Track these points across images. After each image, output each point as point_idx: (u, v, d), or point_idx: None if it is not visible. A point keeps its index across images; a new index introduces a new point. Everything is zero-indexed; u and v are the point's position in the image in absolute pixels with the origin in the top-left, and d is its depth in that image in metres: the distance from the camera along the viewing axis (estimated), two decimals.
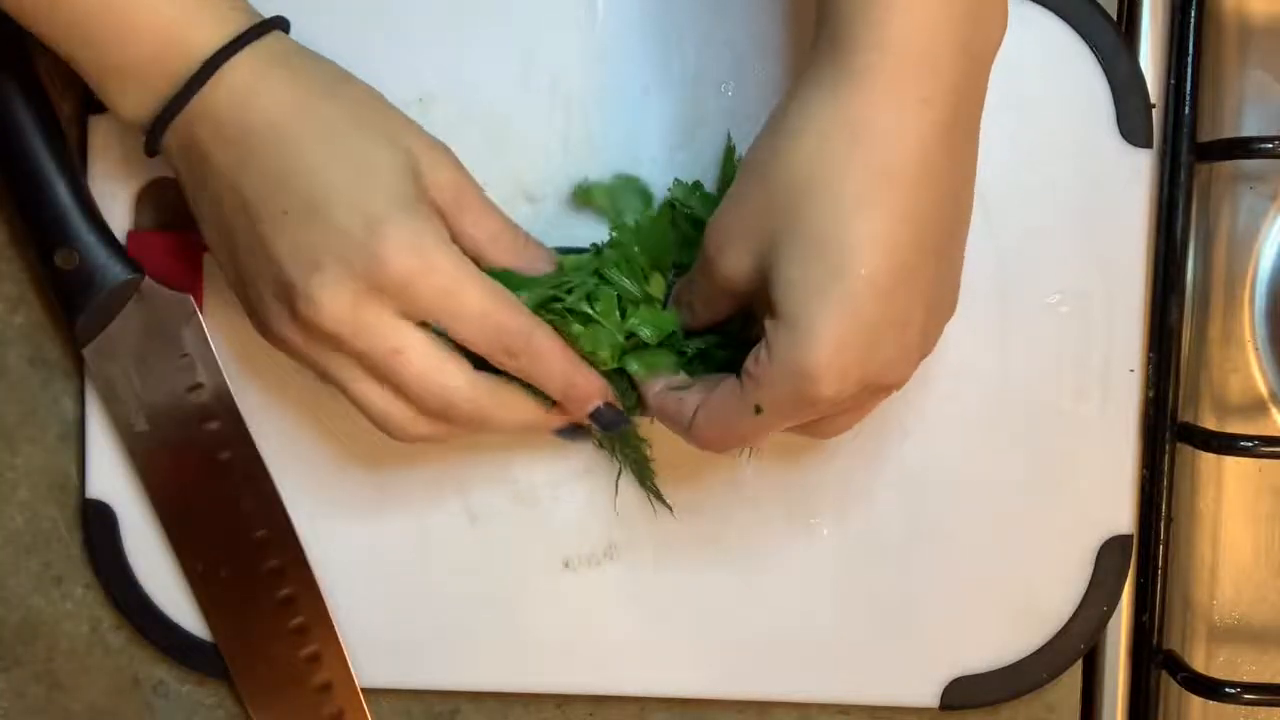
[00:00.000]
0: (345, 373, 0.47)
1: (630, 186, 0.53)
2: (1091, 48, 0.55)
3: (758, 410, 0.43)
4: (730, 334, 0.49)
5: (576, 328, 0.47)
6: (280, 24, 0.48)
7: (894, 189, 0.40)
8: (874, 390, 0.43)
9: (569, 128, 0.54)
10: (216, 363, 0.55)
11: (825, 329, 0.41)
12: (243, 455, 0.55)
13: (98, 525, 0.56)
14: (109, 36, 0.45)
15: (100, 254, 0.53)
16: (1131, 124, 0.55)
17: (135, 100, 0.46)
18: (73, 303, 0.53)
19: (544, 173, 0.54)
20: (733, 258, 0.44)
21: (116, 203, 0.55)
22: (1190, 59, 0.56)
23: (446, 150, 0.48)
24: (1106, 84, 0.55)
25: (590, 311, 0.47)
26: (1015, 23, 0.54)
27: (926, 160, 0.41)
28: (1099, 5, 0.55)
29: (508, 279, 0.48)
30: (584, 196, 0.54)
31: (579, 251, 0.51)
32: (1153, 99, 0.56)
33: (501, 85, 0.54)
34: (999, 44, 0.43)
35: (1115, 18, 0.56)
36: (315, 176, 0.44)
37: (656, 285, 0.50)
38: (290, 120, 0.45)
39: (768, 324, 0.42)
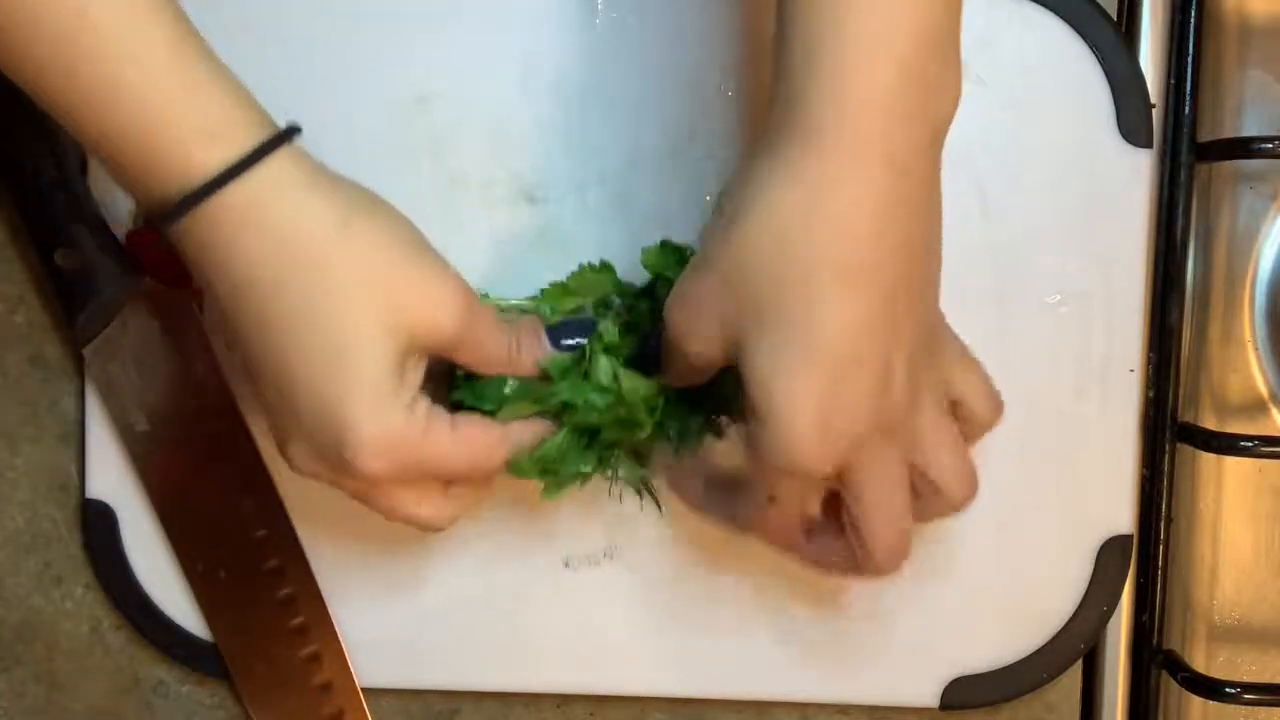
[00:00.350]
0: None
1: (671, 252, 0.51)
2: (1091, 48, 0.55)
3: (771, 500, 0.44)
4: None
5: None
6: (291, 135, 0.42)
7: (858, 260, 0.39)
8: (887, 440, 0.42)
9: (569, 128, 0.54)
10: (216, 362, 0.55)
11: (802, 409, 0.40)
12: (243, 455, 0.55)
13: (98, 525, 0.56)
14: (108, 118, 0.40)
15: (101, 255, 0.53)
16: (1131, 124, 0.55)
17: (143, 194, 0.42)
18: (73, 302, 0.53)
19: (544, 173, 0.54)
20: (699, 344, 0.43)
21: (116, 203, 0.55)
22: (1190, 59, 0.56)
23: (455, 289, 0.44)
24: (1106, 84, 0.55)
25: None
26: (1015, 23, 0.54)
27: (892, 226, 0.40)
28: (1099, 5, 0.55)
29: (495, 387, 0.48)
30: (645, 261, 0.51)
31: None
32: (1153, 99, 0.56)
33: (501, 85, 0.54)
34: (952, 114, 0.42)
35: (1115, 18, 0.56)
36: (284, 368, 0.42)
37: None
38: (266, 294, 0.41)
39: (748, 417, 0.42)
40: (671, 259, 0.50)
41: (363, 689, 0.57)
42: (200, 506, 0.55)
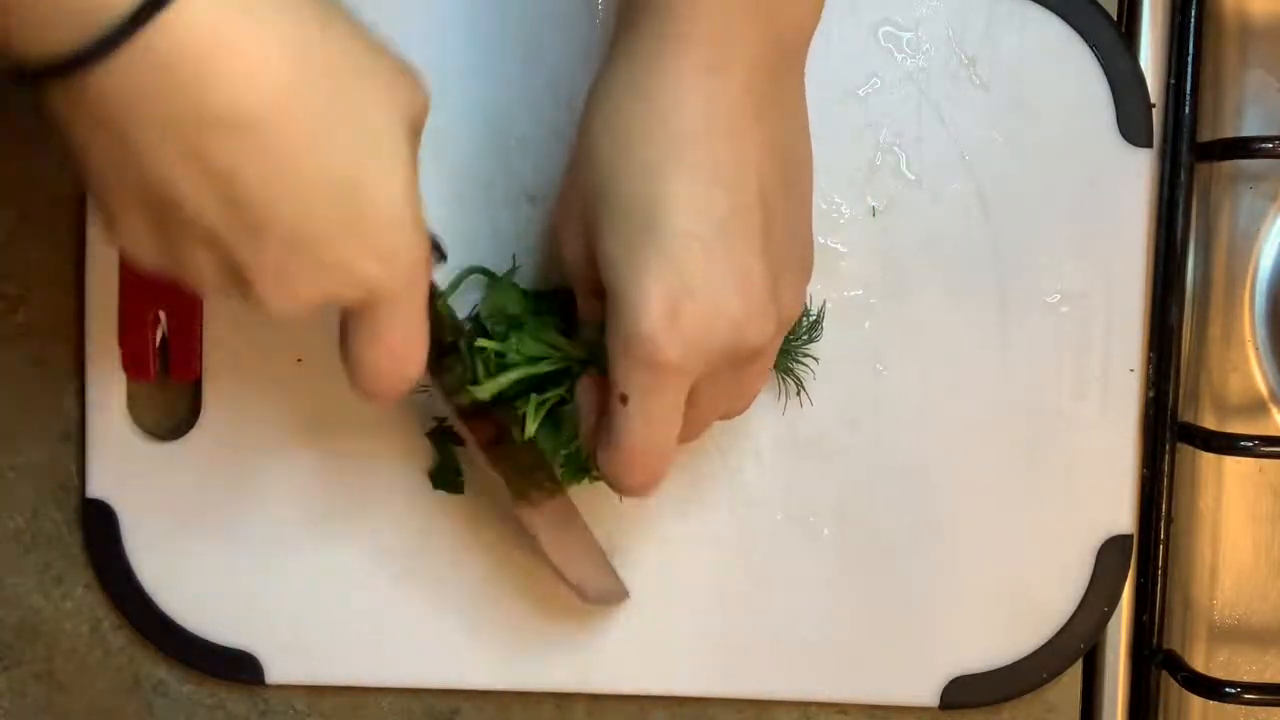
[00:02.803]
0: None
1: None
2: (1091, 48, 0.55)
3: (624, 400, 0.42)
4: None
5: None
6: None
7: (691, 150, 0.40)
8: (741, 355, 0.42)
9: (571, 128, 0.54)
10: None
11: (648, 291, 0.40)
12: None
13: (98, 525, 0.56)
14: None
15: None
16: (1131, 124, 0.55)
17: (26, 36, 0.33)
18: None
19: (546, 173, 0.54)
20: (570, 244, 0.44)
21: None
22: (1190, 59, 0.56)
23: (415, 76, 0.41)
24: (1106, 84, 0.55)
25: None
26: (1015, 23, 0.54)
27: (722, 124, 0.40)
28: (1099, 5, 0.55)
29: None
30: None
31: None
32: (1153, 99, 0.56)
33: (502, 85, 0.54)
34: (808, 26, 0.42)
35: (1115, 18, 0.56)
36: (308, 200, 0.37)
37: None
38: (274, 107, 0.35)
39: (606, 309, 0.41)
40: None
41: (363, 689, 0.57)
42: None
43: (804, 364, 0.54)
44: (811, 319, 0.54)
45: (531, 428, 0.49)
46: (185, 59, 0.34)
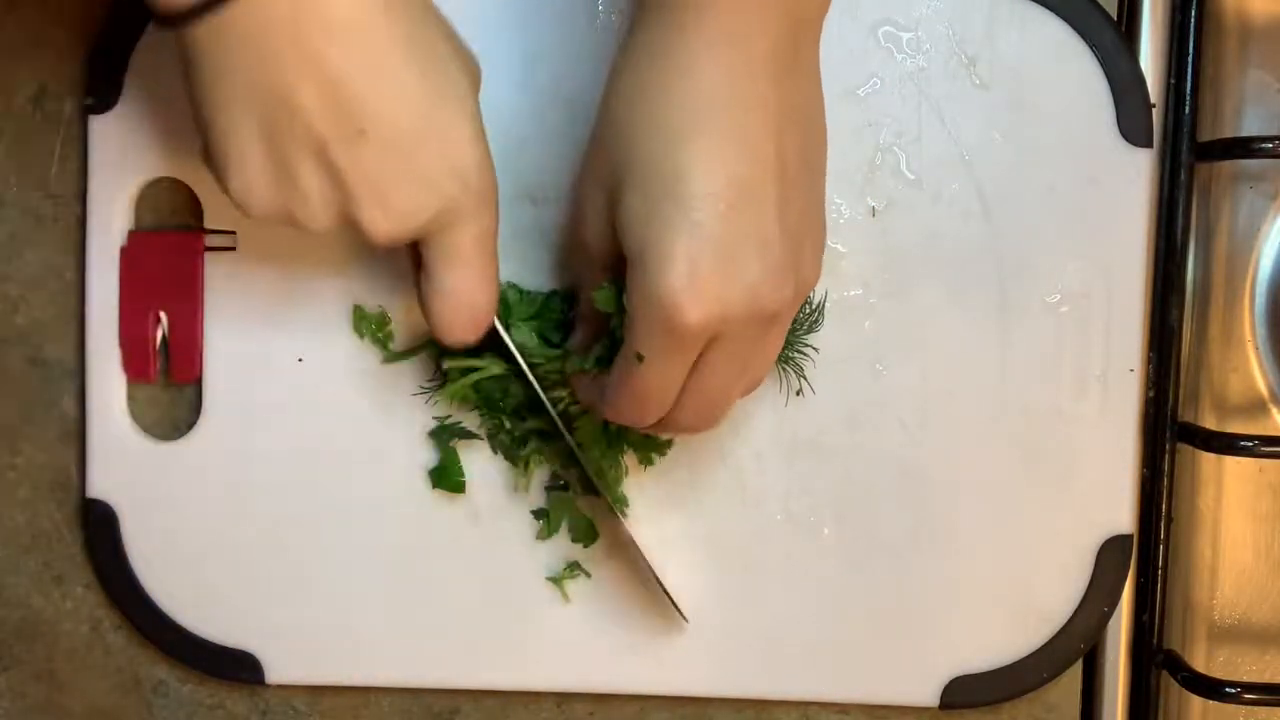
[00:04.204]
0: None
1: None
2: (1091, 48, 0.55)
3: (639, 359, 0.44)
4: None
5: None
6: None
7: (713, 115, 0.41)
8: (757, 319, 0.43)
9: (572, 128, 0.54)
10: None
11: (671, 251, 0.41)
12: None
13: (98, 525, 0.56)
14: None
15: None
16: (1131, 124, 0.55)
17: None
18: None
19: (546, 174, 0.54)
20: (591, 220, 0.46)
21: (116, 203, 0.55)
22: (1190, 59, 0.56)
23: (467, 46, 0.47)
24: (1106, 84, 0.55)
25: None
26: (1015, 23, 0.54)
27: (743, 90, 0.42)
28: (1099, 5, 0.55)
29: None
30: None
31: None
32: (1153, 99, 0.56)
33: (503, 85, 0.54)
34: (824, 7, 0.44)
35: (1115, 18, 0.56)
36: (402, 103, 0.42)
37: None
38: (377, 14, 0.42)
39: (627, 272, 0.43)
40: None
41: (363, 689, 0.57)
42: None
43: (804, 354, 0.54)
44: (812, 309, 0.54)
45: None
46: None
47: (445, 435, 0.55)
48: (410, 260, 0.48)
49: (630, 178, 0.43)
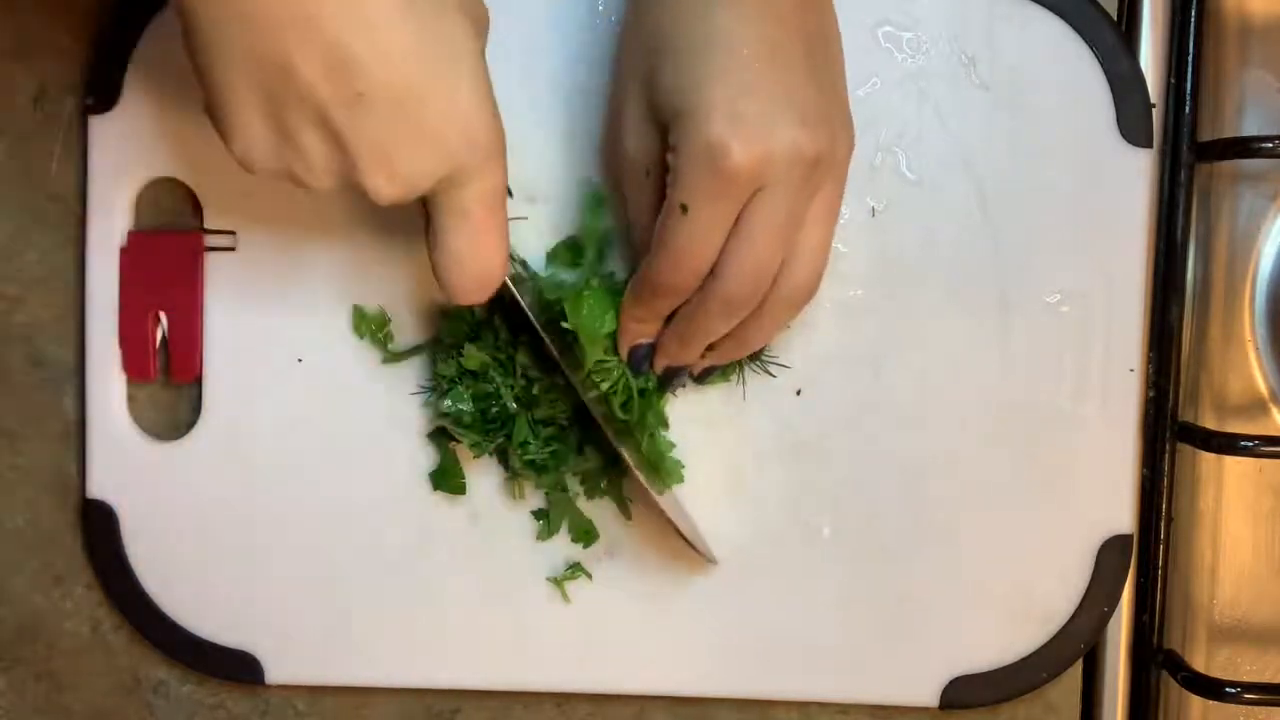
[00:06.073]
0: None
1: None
2: (1091, 48, 0.55)
3: (684, 209, 0.44)
4: None
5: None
6: None
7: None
8: (799, 165, 0.44)
9: (571, 126, 0.54)
10: None
11: (712, 100, 0.43)
12: None
13: (98, 525, 0.56)
14: None
15: None
16: (1131, 124, 0.55)
17: None
18: None
19: (546, 172, 0.54)
20: (629, 111, 0.47)
21: (116, 203, 0.55)
22: (1190, 59, 0.56)
23: None
24: (1106, 84, 0.55)
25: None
26: (1015, 23, 0.54)
27: None
28: (1099, 5, 0.55)
29: None
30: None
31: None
32: (1153, 99, 0.56)
33: (502, 85, 0.54)
34: None
35: (1115, 18, 0.56)
36: (401, 62, 0.41)
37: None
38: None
39: (671, 137, 0.44)
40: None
41: (363, 689, 0.57)
42: None
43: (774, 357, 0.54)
44: None
45: None
46: None
47: (445, 436, 0.55)
48: (420, 214, 0.47)
49: (665, 51, 0.44)
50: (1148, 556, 0.57)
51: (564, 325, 0.50)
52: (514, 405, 0.53)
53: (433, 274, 0.47)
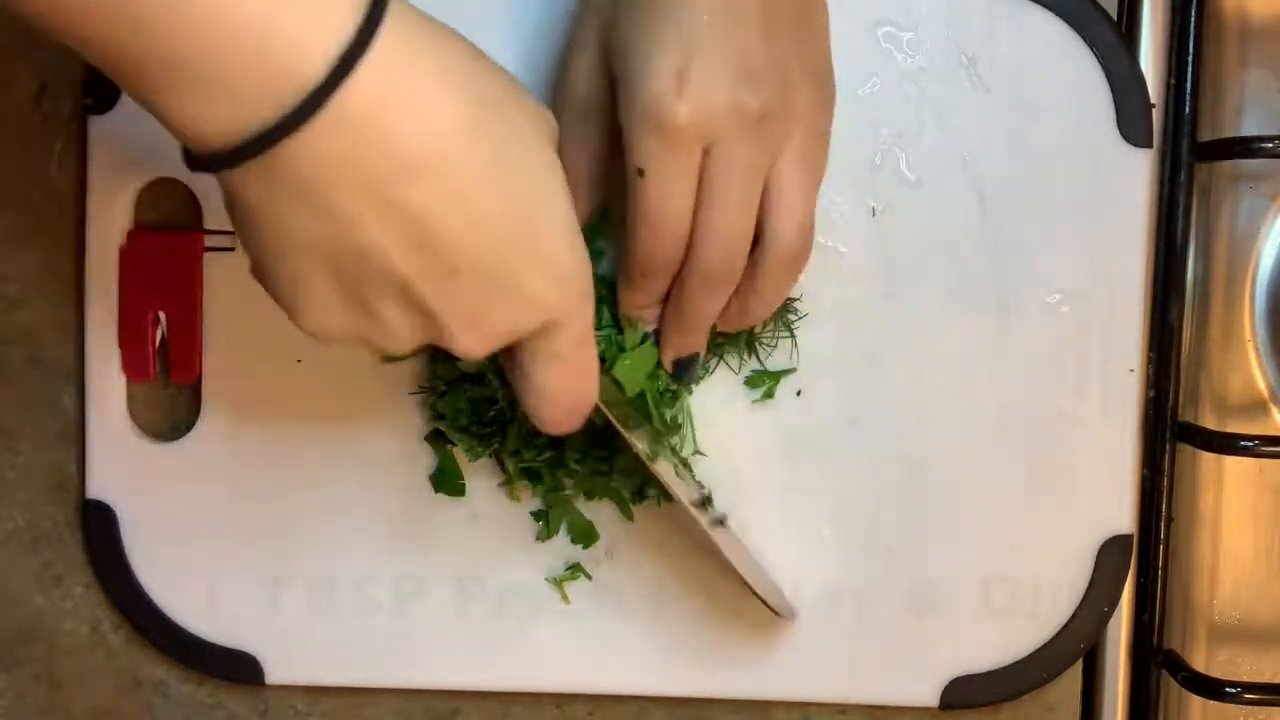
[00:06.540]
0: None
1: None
2: (1091, 48, 0.55)
3: (640, 173, 0.44)
4: None
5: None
6: None
7: None
8: (745, 121, 0.43)
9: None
10: None
11: (658, 58, 0.42)
12: None
13: (98, 525, 0.56)
14: (188, 31, 0.33)
15: None
16: (1131, 124, 0.55)
17: (213, 115, 0.34)
18: None
19: None
20: (582, 64, 0.46)
21: (116, 203, 0.55)
22: (1190, 59, 0.56)
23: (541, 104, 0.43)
24: (1106, 84, 0.55)
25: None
26: (1015, 23, 0.54)
27: None
28: (1099, 5, 0.55)
29: None
30: None
31: None
32: (1153, 99, 0.56)
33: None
34: None
35: (1115, 18, 0.56)
36: (493, 230, 0.38)
37: None
38: (455, 142, 0.37)
39: (619, 100, 0.44)
40: None
41: (363, 689, 0.57)
42: None
43: (792, 313, 0.54)
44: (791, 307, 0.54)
45: None
46: (374, 112, 0.35)
47: (443, 438, 0.55)
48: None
49: (622, 17, 0.44)
50: (1148, 556, 0.57)
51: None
52: (509, 411, 0.53)
53: (521, 406, 0.45)
